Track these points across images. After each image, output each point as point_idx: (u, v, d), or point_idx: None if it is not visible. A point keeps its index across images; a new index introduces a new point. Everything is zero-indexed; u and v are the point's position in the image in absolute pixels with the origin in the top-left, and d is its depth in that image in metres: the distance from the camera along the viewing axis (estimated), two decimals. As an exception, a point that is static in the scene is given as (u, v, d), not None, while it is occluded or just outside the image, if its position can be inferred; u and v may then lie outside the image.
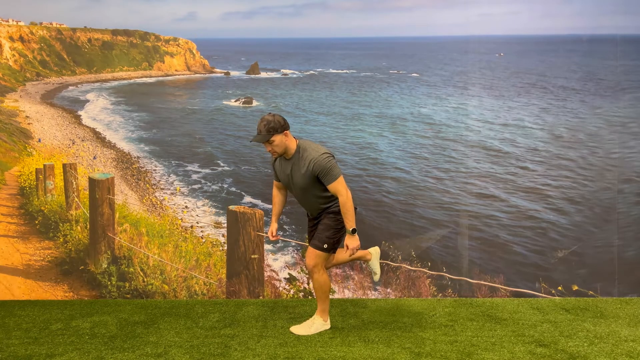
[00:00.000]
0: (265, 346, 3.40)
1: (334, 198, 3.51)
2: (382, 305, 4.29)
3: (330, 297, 4.78)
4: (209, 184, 5.19)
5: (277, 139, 3.35)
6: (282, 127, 3.36)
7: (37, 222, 5.09)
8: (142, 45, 5.76)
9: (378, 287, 4.77)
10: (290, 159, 3.46)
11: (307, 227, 3.77)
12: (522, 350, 3.30)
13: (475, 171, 4.96)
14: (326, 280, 3.60)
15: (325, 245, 3.51)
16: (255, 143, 3.63)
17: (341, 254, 3.82)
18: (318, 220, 3.60)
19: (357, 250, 3.52)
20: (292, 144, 3.43)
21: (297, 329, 3.66)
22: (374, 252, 3.99)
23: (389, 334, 3.62)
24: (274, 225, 3.80)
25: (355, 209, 3.53)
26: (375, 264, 4.02)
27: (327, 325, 3.71)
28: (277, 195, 3.76)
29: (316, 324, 3.68)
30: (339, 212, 3.51)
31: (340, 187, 3.39)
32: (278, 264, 4.92)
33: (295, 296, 4.84)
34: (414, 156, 4.97)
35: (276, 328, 3.77)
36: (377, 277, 4.06)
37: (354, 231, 3.43)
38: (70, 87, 5.65)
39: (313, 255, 3.53)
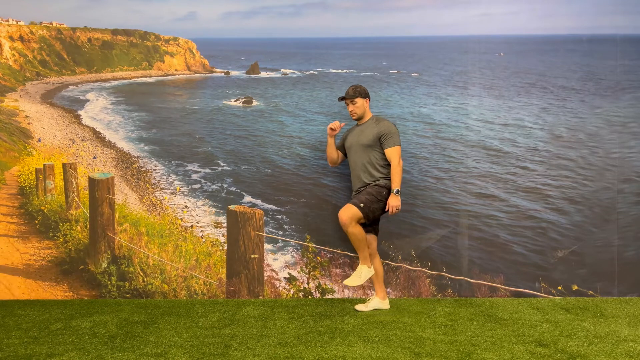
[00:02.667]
0: (265, 346, 3.40)
1: (383, 172, 4.04)
2: (382, 305, 4.29)
3: (330, 297, 4.79)
4: (209, 183, 5.19)
5: (360, 101, 4.10)
6: (366, 94, 4.13)
7: (37, 221, 5.09)
8: (142, 45, 5.75)
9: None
10: (362, 125, 4.15)
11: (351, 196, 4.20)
12: (522, 350, 3.30)
13: (475, 171, 4.96)
14: (360, 231, 4.00)
15: (362, 205, 3.95)
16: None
17: (373, 240, 4.21)
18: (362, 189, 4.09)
19: (395, 209, 3.93)
20: (368, 113, 4.17)
21: (350, 281, 4.06)
22: (371, 270, 4.16)
23: (389, 333, 3.62)
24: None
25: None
26: (374, 304, 4.24)
27: (372, 271, 4.12)
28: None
29: (364, 272, 4.06)
30: (383, 187, 4.01)
31: (395, 154, 3.98)
32: (278, 263, 4.92)
33: (295, 296, 4.84)
34: (413, 156, 4.97)
35: (276, 328, 3.77)
36: (360, 307, 4.26)
37: (397, 192, 3.93)
38: (70, 87, 5.65)
39: (348, 210, 3.95)
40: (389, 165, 4.05)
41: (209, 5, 5.30)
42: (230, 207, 4.86)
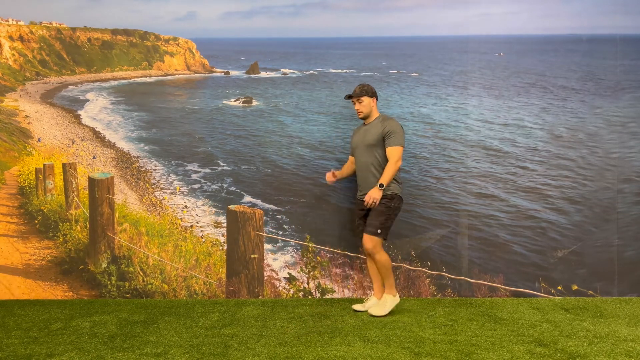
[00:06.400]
0: (265, 346, 3.40)
1: None
2: (382, 305, 4.29)
3: (330, 297, 4.79)
4: (208, 183, 5.18)
5: (366, 100, 4.07)
6: (373, 93, 4.12)
7: (36, 221, 5.09)
8: (142, 45, 5.75)
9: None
10: (368, 125, 4.11)
11: (355, 211, 4.26)
12: (522, 350, 3.30)
13: (475, 171, 4.96)
14: (387, 258, 4.01)
15: (379, 231, 3.95)
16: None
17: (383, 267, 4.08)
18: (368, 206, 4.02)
19: (372, 201, 3.88)
20: (375, 112, 4.14)
21: (374, 311, 4.01)
22: (396, 298, 4.12)
23: (389, 333, 3.62)
24: (337, 172, 4.34)
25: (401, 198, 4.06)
26: (383, 303, 4.09)
27: (397, 299, 4.09)
28: (347, 163, 4.38)
29: (389, 302, 4.03)
30: (390, 198, 3.96)
31: (395, 153, 3.91)
32: (278, 263, 4.92)
33: (295, 296, 4.84)
34: (413, 156, 4.97)
35: (276, 328, 3.77)
36: (358, 307, 4.25)
37: (381, 186, 3.88)
38: (70, 87, 5.64)
39: (369, 239, 3.96)
40: None
41: (209, 5, 5.30)
42: (230, 207, 4.86)
